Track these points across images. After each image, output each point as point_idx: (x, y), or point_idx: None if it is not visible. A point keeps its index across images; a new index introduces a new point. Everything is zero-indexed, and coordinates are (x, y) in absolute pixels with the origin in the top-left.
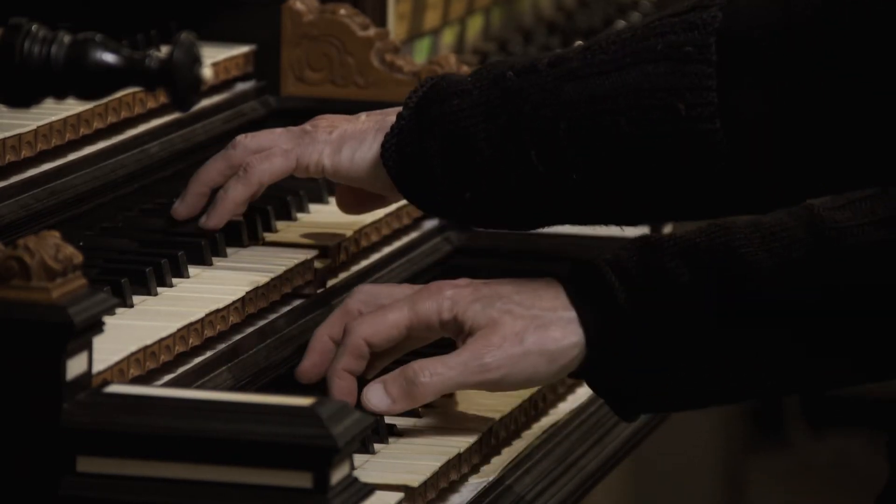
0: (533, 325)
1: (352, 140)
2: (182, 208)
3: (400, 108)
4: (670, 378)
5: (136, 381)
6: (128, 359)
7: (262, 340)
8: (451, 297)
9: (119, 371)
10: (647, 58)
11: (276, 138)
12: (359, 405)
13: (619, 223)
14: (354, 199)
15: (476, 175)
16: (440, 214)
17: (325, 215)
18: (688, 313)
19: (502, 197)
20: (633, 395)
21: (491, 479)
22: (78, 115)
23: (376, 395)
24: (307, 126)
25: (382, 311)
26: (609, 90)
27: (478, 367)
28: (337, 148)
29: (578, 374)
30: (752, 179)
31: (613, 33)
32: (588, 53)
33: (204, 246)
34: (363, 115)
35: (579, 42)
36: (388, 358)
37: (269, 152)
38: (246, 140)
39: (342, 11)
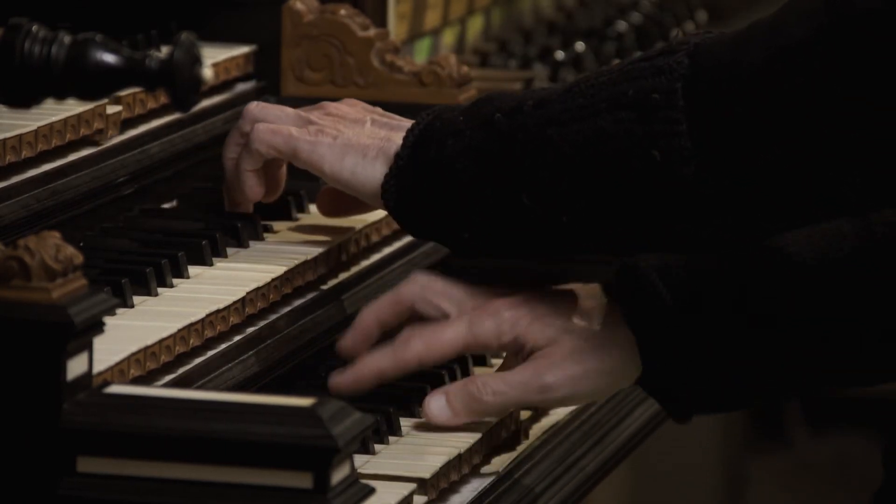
0: (591, 345)
1: (354, 152)
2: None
3: (404, 122)
4: (724, 382)
5: (137, 381)
6: (128, 359)
7: (262, 341)
8: (510, 319)
9: (119, 371)
10: (620, 103)
11: (283, 117)
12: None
13: (613, 255)
14: (337, 205)
15: (472, 216)
16: (444, 245)
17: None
18: (736, 317)
19: (500, 235)
20: (689, 400)
21: (491, 479)
22: (78, 116)
23: (438, 406)
24: (314, 115)
25: (440, 328)
26: (588, 136)
27: (538, 387)
28: (339, 157)
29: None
30: (732, 214)
31: (593, 74)
32: (568, 96)
33: (204, 246)
34: (368, 123)
35: (580, 42)
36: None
37: (276, 127)
38: (255, 110)
39: (342, 11)
